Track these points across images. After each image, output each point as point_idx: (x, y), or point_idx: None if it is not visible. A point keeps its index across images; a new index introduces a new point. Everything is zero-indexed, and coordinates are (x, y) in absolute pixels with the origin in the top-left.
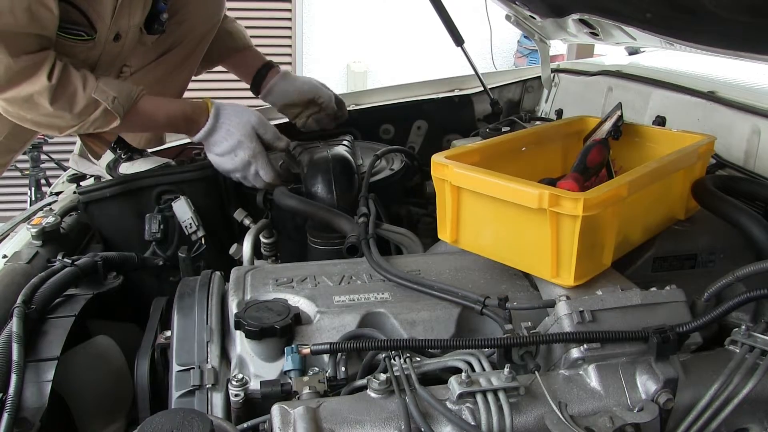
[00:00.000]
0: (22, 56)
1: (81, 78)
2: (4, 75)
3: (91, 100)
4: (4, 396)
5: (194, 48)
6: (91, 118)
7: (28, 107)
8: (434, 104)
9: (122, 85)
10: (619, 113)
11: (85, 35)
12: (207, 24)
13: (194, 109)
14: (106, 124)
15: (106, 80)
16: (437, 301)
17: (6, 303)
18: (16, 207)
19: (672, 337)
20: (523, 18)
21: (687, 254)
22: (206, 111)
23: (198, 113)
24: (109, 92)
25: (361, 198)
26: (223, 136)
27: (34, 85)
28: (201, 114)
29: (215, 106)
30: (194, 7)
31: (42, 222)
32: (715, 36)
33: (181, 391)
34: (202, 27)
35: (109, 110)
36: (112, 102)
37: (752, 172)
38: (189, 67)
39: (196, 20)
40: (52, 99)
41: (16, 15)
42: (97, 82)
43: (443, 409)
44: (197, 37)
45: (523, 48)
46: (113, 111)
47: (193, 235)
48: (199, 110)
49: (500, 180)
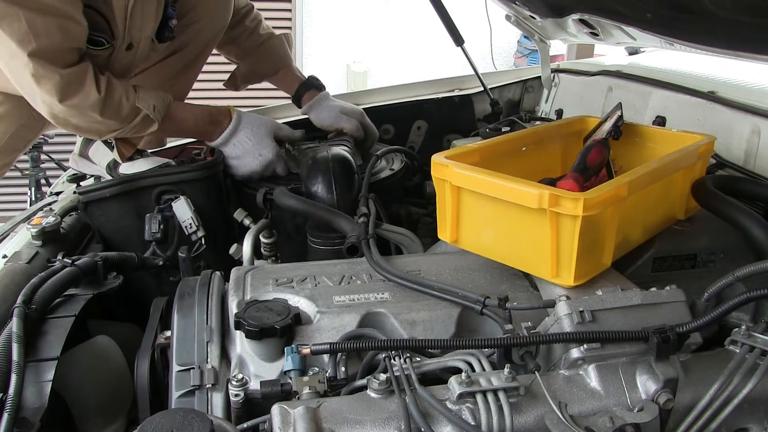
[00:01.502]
0: (67, 69)
1: (123, 88)
2: (57, 88)
3: (134, 109)
4: (4, 396)
5: (200, 52)
6: (132, 124)
7: (79, 116)
8: (434, 104)
9: (157, 93)
10: (619, 113)
11: (105, 42)
12: (213, 29)
13: (218, 111)
14: (144, 129)
15: (144, 89)
16: (437, 301)
17: (6, 303)
18: (16, 207)
19: (672, 337)
20: (523, 18)
21: (687, 254)
22: (228, 114)
23: (222, 116)
24: (149, 101)
25: (361, 198)
26: (248, 136)
27: (87, 97)
28: (224, 117)
29: (236, 111)
30: (201, 11)
31: (42, 222)
32: (715, 36)
33: (181, 391)
34: (209, 32)
35: (150, 117)
36: (153, 110)
37: (752, 172)
38: (194, 69)
39: (203, 25)
40: (102, 110)
41: (50, 34)
42: (137, 92)
43: (443, 409)
44: (203, 41)
45: (523, 48)
46: (153, 118)
47: (193, 235)
48: (222, 114)
49: (500, 180)
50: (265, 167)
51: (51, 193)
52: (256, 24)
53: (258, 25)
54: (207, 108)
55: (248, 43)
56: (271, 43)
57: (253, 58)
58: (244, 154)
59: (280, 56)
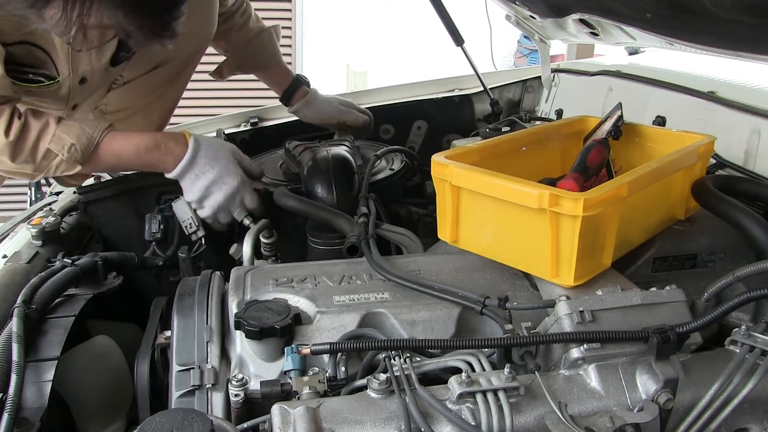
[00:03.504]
0: None
1: (40, 128)
2: None
3: (48, 152)
4: (4, 396)
5: (186, 64)
6: (53, 165)
7: None
8: (434, 104)
9: (84, 128)
10: (619, 113)
11: (46, 80)
12: (197, 42)
13: (168, 136)
14: (69, 169)
15: (67, 126)
16: (437, 301)
17: (6, 303)
18: (16, 207)
19: (672, 337)
20: (523, 18)
21: (687, 254)
22: (184, 140)
23: (174, 140)
24: (66, 140)
25: (361, 198)
26: (208, 165)
27: None
28: (178, 143)
29: (193, 136)
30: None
31: (42, 222)
32: (715, 36)
33: (181, 391)
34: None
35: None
36: (69, 150)
37: (752, 172)
38: (182, 80)
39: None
40: (12, 155)
41: None
42: (57, 129)
43: (443, 409)
44: (188, 54)
45: (523, 48)
46: (69, 160)
47: (193, 235)
48: (175, 138)
49: (500, 180)
50: (231, 197)
51: (51, 193)
52: (246, 18)
53: (248, 20)
54: (155, 135)
55: (237, 38)
56: (260, 39)
57: (243, 53)
58: (209, 184)
59: (270, 53)
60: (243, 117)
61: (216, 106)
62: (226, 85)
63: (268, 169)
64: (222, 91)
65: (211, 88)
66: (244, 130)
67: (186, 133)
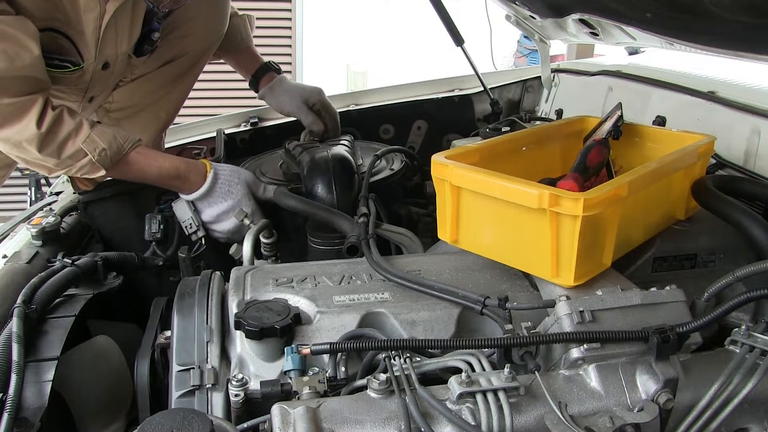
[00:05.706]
0: (10, 99)
1: (74, 126)
2: None
3: (79, 150)
4: (4, 396)
5: (197, 60)
6: (78, 165)
7: (18, 150)
8: (434, 104)
9: (117, 136)
10: (619, 113)
11: (71, 66)
12: (208, 40)
13: (190, 167)
14: (92, 172)
15: (102, 130)
16: (437, 301)
17: (6, 303)
18: (16, 207)
19: (672, 337)
20: (523, 18)
21: (687, 254)
22: (204, 171)
23: (194, 172)
24: (99, 143)
25: (361, 198)
26: (223, 196)
27: (23, 131)
28: (198, 173)
29: (213, 168)
30: (197, 23)
31: (42, 222)
32: (715, 36)
33: (181, 391)
34: (205, 42)
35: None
36: (99, 154)
37: (752, 172)
38: (190, 78)
39: (199, 36)
40: (40, 146)
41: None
42: (91, 131)
43: (443, 409)
44: (199, 50)
45: (523, 48)
46: (98, 163)
47: (193, 235)
48: (196, 170)
49: (500, 180)
50: (239, 228)
51: (51, 193)
52: None
53: None
54: (177, 162)
55: None
56: (232, 22)
57: None
58: (221, 213)
59: (242, 36)
60: (243, 117)
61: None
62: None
63: (268, 169)
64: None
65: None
66: (243, 130)
67: (207, 164)
